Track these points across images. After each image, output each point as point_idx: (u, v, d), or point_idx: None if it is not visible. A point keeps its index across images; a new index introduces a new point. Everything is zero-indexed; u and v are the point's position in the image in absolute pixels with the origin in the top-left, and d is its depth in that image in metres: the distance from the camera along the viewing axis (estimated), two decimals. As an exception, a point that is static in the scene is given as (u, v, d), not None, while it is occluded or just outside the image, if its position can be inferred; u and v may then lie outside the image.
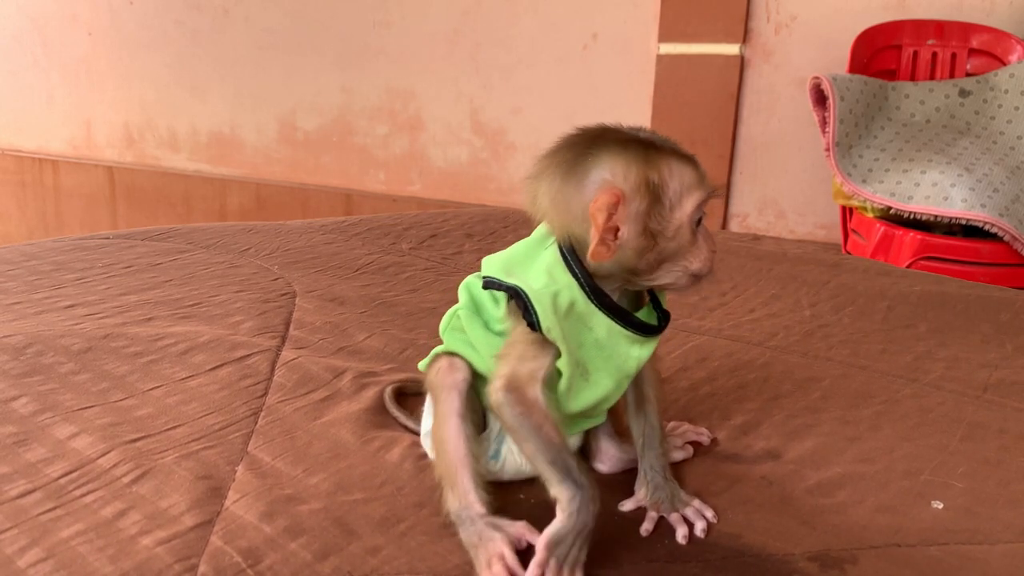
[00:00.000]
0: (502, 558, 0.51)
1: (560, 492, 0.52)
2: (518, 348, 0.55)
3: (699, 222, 0.56)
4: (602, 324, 0.57)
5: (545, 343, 0.55)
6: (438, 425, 0.58)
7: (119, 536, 0.55)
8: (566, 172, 0.54)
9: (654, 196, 0.54)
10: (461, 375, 0.58)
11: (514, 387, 0.54)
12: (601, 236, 0.53)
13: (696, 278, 0.56)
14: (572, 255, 0.56)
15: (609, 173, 0.53)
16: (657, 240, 0.54)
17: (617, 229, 0.53)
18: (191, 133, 3.43)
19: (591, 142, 0.55)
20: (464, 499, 0.55)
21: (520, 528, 0.54)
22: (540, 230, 0.59)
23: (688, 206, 0.55)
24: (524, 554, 0.52)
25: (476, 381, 0.60)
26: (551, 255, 0.57)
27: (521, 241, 0.61)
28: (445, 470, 0.57)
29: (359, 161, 3.08)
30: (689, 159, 0.56)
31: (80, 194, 3.74)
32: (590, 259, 0.54)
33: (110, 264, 1.23)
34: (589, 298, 0.56)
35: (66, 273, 1.18)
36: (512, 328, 0.57)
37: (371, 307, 1.05)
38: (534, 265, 0.57)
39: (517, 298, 0.55)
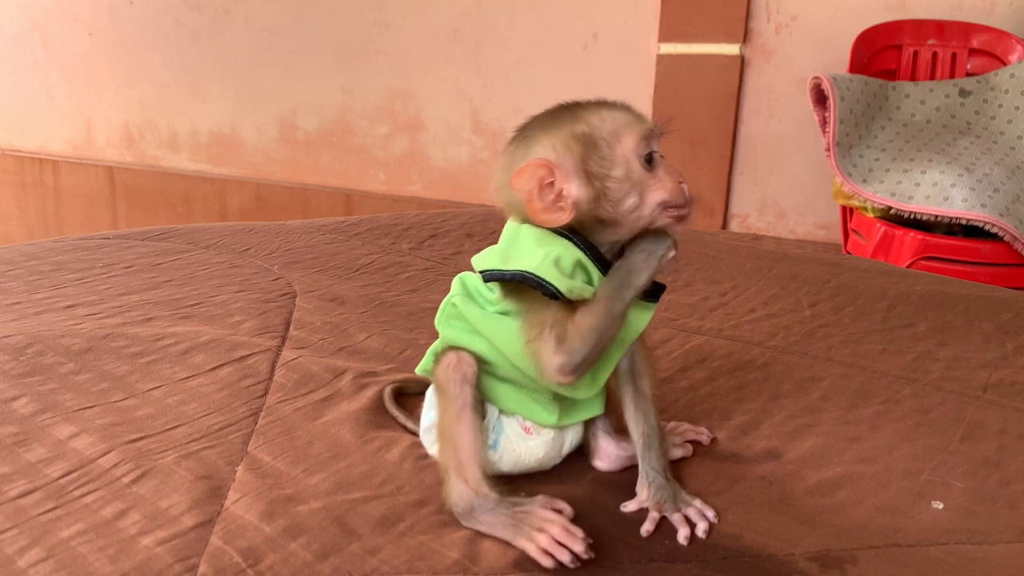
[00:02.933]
0: (547, 519, 0.54)
1: (633, 268, 0.56)
2: (542, 319, 0.56)
3: (650, 158, 0.56)
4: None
5: (565, 303, 0.56)
6: (450, 418, 0.58)
7: (119, 536, 0.55)
8: (510, 157, 0.58)
9: (586, 144, 0.56)
10: (471, 369, 0.58)
11: (567, 352, 0.55)
12: (543, 202, 0.55)
13: (669, 209, 0.56)
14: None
15: (539, 146, 0.57)
16: (607, 184, 0.56)
17: (561, 191, 0.55)
18: (191, 133, 3.43)
19: (529, 125, 0.58)
20: (478, 490, 0.56)
21: (542, 499, 0.57)
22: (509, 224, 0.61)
23: (628, 141, 0.56)
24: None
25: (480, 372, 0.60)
26: (531, 231, 0.58)
27: (501, 238, 0.61)
28: (456, 463, 0.57)
29: (359, 161, 3.08)
30: (622, 107, 0.58)
31: (80, 194, 3.74)
32: (544, 226, 0.57)
33: (110, 264, 1.23)
34: (587, 255, 0.57)
35: (66, 273, 1.18)
36: (524, 309, 0.57)
37: (371, 307, 1.05)
38: (519, 246, 0.58)
39: (527, 280, 0.55)
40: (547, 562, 0.52)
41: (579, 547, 0.52)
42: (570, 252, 0.56)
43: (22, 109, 3.88)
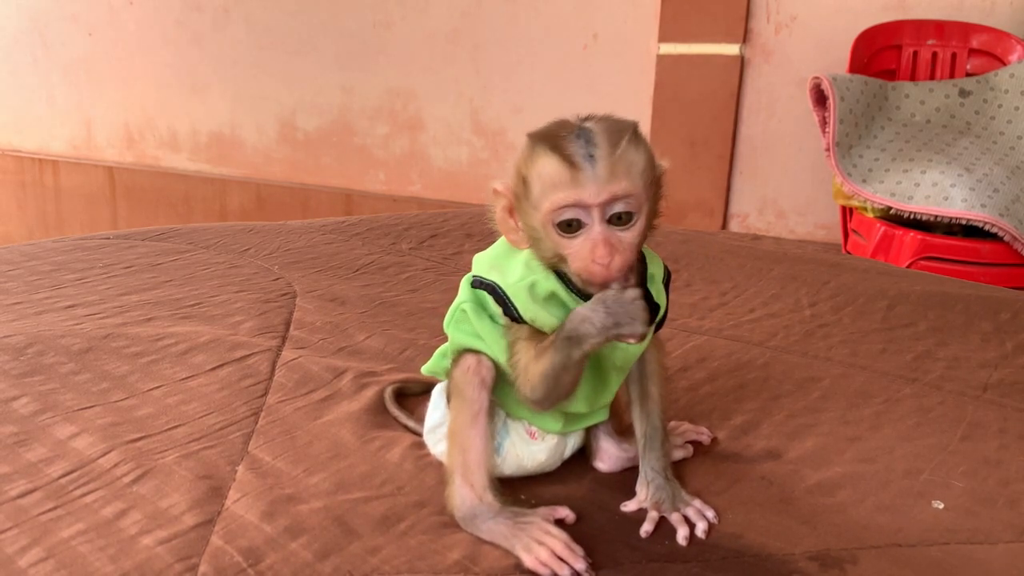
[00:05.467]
0: (549, 533, 0.53)
1: (582, 331, 0.52)
2: (515, 342, 0.56)
3: (571, 225, 0.52)
4: None
5: (538, 331, 0.56)
6: (463, 421, 0.58)
7: (120, 536, 0.55)
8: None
9: (524, 188, 0.54)
10: (490, 373, 0.58)
11: (530, 390, 0.55)
12: (511, 225, 0.56)
13: (587, 283, 0.54)
14: None
15: (513, 170, 0.56)
16: (534, 236, 0.55)
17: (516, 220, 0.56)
18: (191, 133, 3.43)
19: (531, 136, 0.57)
20: (483, 497, 0.56)
21: (544, 511, 0.56)
22: None
23: (544, 207, 0.52)
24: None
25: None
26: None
27: (500, 242, 0.61)
28: (463, 467, 0.57)
29: (359, 161, 3.08)
30: (570, 161, 0.51)
31: (80, 194, 3.74)
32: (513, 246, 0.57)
33: (110, 264, 1.23)
34: (567, 287, 0.56)
35: (66, 273, 1.18)
36: (507, 330, 0.57)
37: (371, 307, 1.05)
38: (514, 259, 0.58)
39: (494, 293, 0.56)
40: (545, 572, 0.52)
41: (580, 565, 0.52)
42: (548, 281, 0.56)
43: (22, 109, 3.88)
